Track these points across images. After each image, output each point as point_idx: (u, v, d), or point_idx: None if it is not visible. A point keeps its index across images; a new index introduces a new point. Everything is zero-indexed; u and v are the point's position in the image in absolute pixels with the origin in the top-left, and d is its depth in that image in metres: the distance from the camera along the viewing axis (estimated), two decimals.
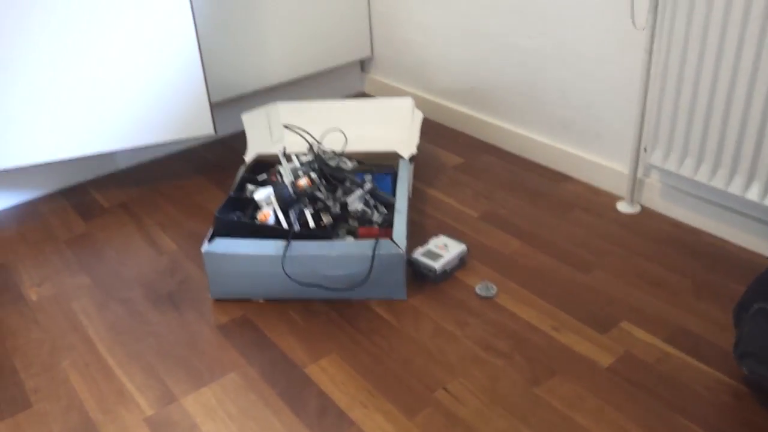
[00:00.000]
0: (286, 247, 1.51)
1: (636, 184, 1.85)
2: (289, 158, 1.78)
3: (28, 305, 1.63)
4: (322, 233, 1.57)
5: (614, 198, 1.90)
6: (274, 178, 1.76)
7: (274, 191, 1.61)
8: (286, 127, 1.82)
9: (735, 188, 1.57)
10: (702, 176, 1.63)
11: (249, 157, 1.94)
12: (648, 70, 1.69)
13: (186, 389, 1.35)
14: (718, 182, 1.60)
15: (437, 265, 1.59)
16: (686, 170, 1.66)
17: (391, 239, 1.51)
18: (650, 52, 1.67)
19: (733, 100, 1.51)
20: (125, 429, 1.27)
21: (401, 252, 1.50)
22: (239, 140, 2.40)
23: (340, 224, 1.64)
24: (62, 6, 1.77)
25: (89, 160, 2.19)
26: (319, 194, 1.60)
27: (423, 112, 2.50)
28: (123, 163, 2.26)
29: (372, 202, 1.67)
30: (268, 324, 1.51)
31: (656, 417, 1.22)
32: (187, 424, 1.27)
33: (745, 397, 1.25)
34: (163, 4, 1.85)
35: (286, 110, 2.16)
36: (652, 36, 1.64)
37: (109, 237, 1.88)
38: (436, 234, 1.79)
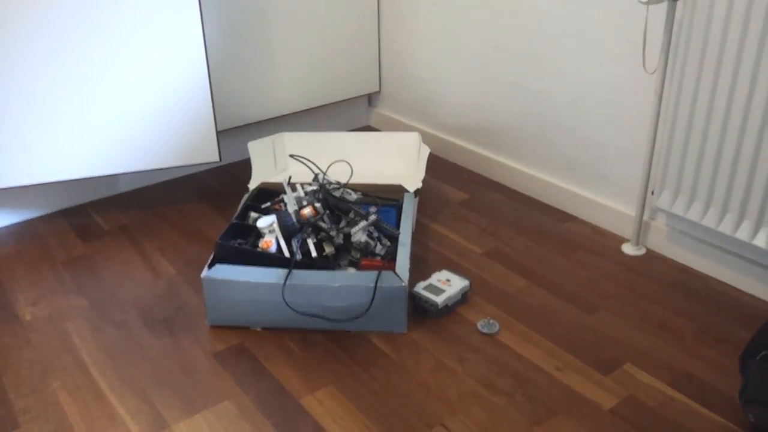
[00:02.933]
0: (287, 276, 1.49)
1: (642, 227, 1.83)
2: (293, 187, 1.77)
3: (21, 325, 1.60)
4: (324, 263, 1.55)
5: (620, 240, 1.89)
6: (277, 207, 1.75)
7: (278, 219, 1.59)
8: (291, 156, 1.82)
9: (742, 234, 1.56)
10: (709, 221, 1.62)
11: (253, 184, 1.93)
12: (657, 113, 1.69)
13: (178, 416, 1.32)
14: (725, 227, 1.59)
15: (439, 299, 1.57)
16: (693, 214, 1.65)
17: (394, 272, 1.49)
18: (660, 96, 1.67)
19: (742, 145, 1.51)
20: None
21: (404, 285, 1.48)
22: (244, 168, 2.40)
23: (343, 255, 1.62)
24: (73, 28, 1.78)
25: (91, 181, 2.19)
26: (322, 224, 1.59)
27: (429, 147, 2.50)
28: (125, 186, 2.25)
29: (375, 234, 1.65)
30: (264, 353, 1.48)
31: None
32: None
33: None
34: (176, 31, 1.87)
35: (292, 140, 2.16)
36: (663, 80, 1.65)
37: (107, 259, 1.86)
38: (439, 269, 1.77)
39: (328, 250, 1.58)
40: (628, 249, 1.84)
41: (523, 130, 2.12)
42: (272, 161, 2.11)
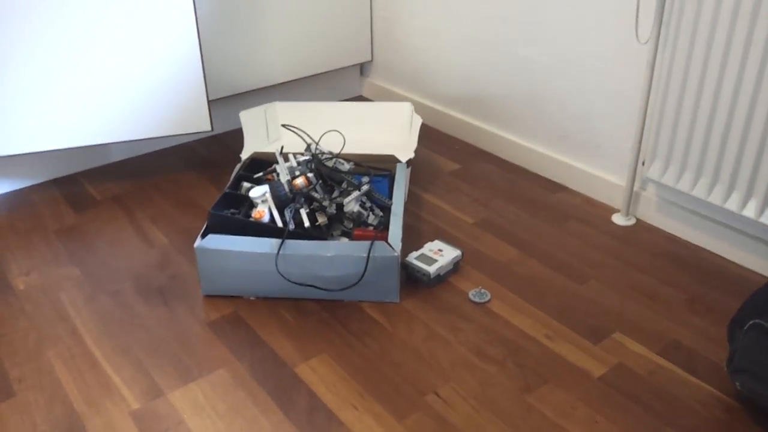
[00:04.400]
0: (280, 246, 1.49)
1: (632, 197, 1.85)
2: (286, 157, 1.77)
3: (15, 294, 1.60)
4: (317, 233, 1.55)
5: (610, 210, 1.90)
6: (270, 177, 1.75)
7: (270, 189, 1.59)
8: (284, 126, 1.81)
9: (732, 205, 1.57)
10: (699, 192, 1.63)
11: (245, 154, 1.93)
12: (649, 83, 1.69)
13: (173, 384, 1.33)
14: (715, 198, 1.60)
15: (431, 269, 1.58)
16: (684, 185, 1.66)
17: (386, 242, 1.50)
18: (652, 66, 1.67)
19: (734, 116, 1.52)
20: (110, 422, 1.25)
21: (396, 255, 1.48)
22: (236, 138, 2.39)
23: (336, 225, 1.63)
24: None
25: (83, 150, 2.17)
26: (315, 194, 1.59)
27: (421, 117, 2.49)
28: (117, 156, 2.24)
29: (368, 204, 1.66)
30: (258, 322, 1.50)
31: (647, 429, 1.21)
32: (173, 419, 1.25)
33: (737, 412, 1.25)
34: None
35: (284, 110, 2.15)
36: (656, 50, 1.65)
37: (99, 229, 1.86)
38: (431, 239, 1.78)
39: (321, 220, 1.58)
40: (618, 219, 1.85)
41: (515, 100, 2.12)
42: (264, 131, 2.10)
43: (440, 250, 1.64)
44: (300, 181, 1.60)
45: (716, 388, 1.30)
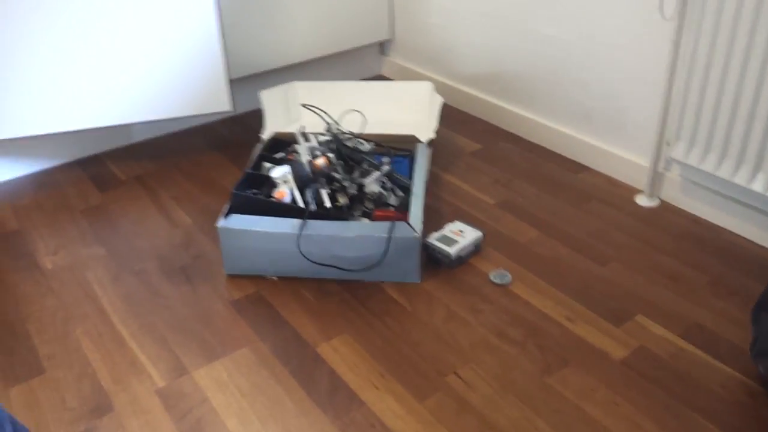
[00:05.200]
0: (302, 226, 1.50)
1: (656, 178, 1.83)
2: (306, 137, 1.77)
3: (42, 273, 1.63)
4: (338, 213, 1.56)
5: (633, 191, 1.89)
6: (291, 157, 1.75)
7: (291, 169, 1.60)
8: (304, 106, 1.81)
9: (757, 185, 1.55)
10: (724, 172, 1.61)
11: (266, 135, 1.93)
12: (674, 62, 1.66)
13: (198, 362, 1.36)
14: (740, 179, 1.58)
15: (452, 250, 1.58)
16: (708, 165, 1.64)
17: (407, 222, 1.50)
18: (677, 44, 1.64)
19: (760, 95, 1.49)
20: (136, 399, 1.28)
21: (417, 235, 1.49)
22: (256, 118, 2.39)
23: (356, 206, 1.63)
24: None
25: (105, 131, 2.19)
26: (336, 175, 1.59)
27: (442, 96, 2.48)
28: (139, 137, 2.26)
29: (389, 184, 1.66)
30: (281, 302, 1.51)
31: (669, 412, 1.21)
32: (198, 397, 1.27)
33: (760, 396, 1.24)
34: None
35: (304, 89, 2.15)
36: (680, 27, 1.62)
37: (124, 209, 1.88)
38: (452, 220, 1.78)
39: (342, 200, 1.59)
40: (641, 200, 1.84)
41: (537, 78, 2.10)
42: (285, 110, 2.10)
43: (461, 231, 1.64)
44: (321, 161, 1.60)
45: (739, 371, 1.30)
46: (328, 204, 1.56)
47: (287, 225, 1.51)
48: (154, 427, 1.22)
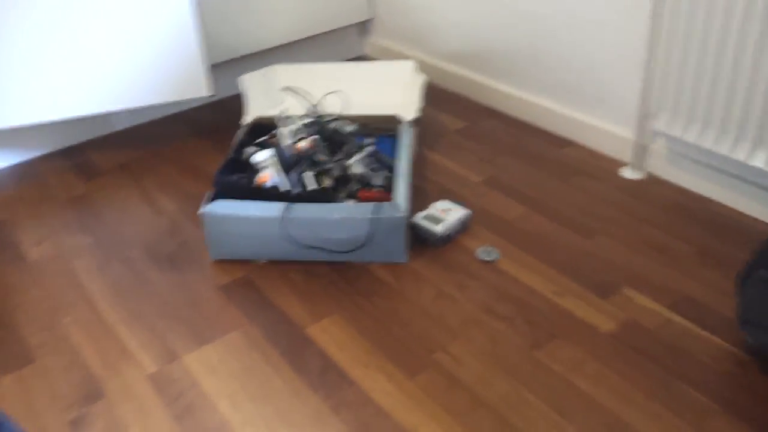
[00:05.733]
0: (287, 209, 1.50)
1: (641, 150, 1.83)
2: (288, 121, 1.76)
3: (27, 264, 1.62)
4: (322, 196, 1.56)
5: (619, 164, 1.89)
6: (273, 141, 1.74)
7: (275, 153, 1.59)
8: (285, 89, 1.80)
9: (741, 155, 1.56)
10: (707, 142, 1.62)
11: (248, 119, 1.92)
12: (654, 33, 1.66)
13: (188, 347, 1.35)
14: (723, 148, 1.59)
15: (439, 228, 1.58)
16: (692, 136, 1.64)
17: (393, 202, 1.50)
18: (657, 16, 1.64)
19: (740, 65, 1.49)
20: (128, 385, 1.27)
21: (403, 215, 1.49)
22: (238, 103, 2.38)
23: (341, 187, 1.63)
24: None
25: (86, 121, 2.17)
26: (319, 157, 1.59)
27: (425, 75, 2.47)
28: (121, 125, 2.24)
29: (373, 165, 1.65)
30: (269, 285, 1.51)
31: (658, 383, 1.22)
32: (188, 382, 1.27)
33: (747, 365, 1.25)
34: None
35: (285, 72, 2.13)
36: None
37: (108, 198, 1.86)
38: (438, 198, 1.78)
39: (327, 182, 1.58)
40: (627, 173, 1.84)
41: (519, 54, 2.09)
42: (266, 94, 2.09)
43: (447, 210, 1.64)
44: (304, 144, 1.59)
45: (727, 341, 1.31)
46: (312, 186, 1.55)
47: (272, 209, 1.51)
48: (146, 412, 1.22)
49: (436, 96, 2.35)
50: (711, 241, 1.57)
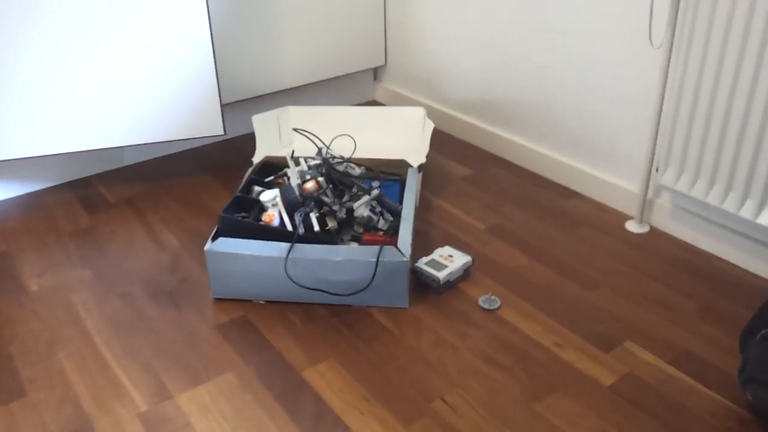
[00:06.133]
0: (290, 250, 1.49)
1: (646, 204, 1.83)
2: (297, 161, 1.77)
3: (27, 295, 1.62)
4: (326, 237, 1.55)
5: (623, 217, 1.89)
6: (281, 181, 1.75)
7: (281, 193, 1.60)
8: (295, 130, 1.81)
9: (746, 212, 1.55)
10: (713, 199, 1.61)
11: (257, 158, 1.93)
12: (663, 89, 1.67)
13: (181, 387, 1.34)
14: (729, 206, 1.58)
15: (441, 275, 1.57)
16: (698, 192, 1.64)
17: (396, 247, 1.50)
18: (666, 71, 1.65)
19: (748, 123, 1.50)
20: (118, 423, 1.25)
21: (405, 260, 1.48)
22: (248, 142, 2.40)
23: (345, 230, 1.63)
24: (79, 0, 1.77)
25: (97, 154, 2.19)
26: (325, 198, 1.59)
27: (433, 122, 2.49)
28: (130, 159, 2.26)
29: (378, 209, 1.66)
30: (267, 326, 1.50)
31: None
32: (180, 422, 1.25)
33: (749, 423, 1.23)
34: (181, 2, 1.85)
35: (296, 114, 2.16)
36: (669, 55, 1.63)
37: (112, 231, 1.87)
38: (441, 244, 1.77)
39: (331, 224, 1.58)
40: (631, 226, 1.84)
41: (528, 105, 2.11)
42: (277, 135, 2.11)
43: (450, 256, 1.64)
44: (310, 185, 1.60)
45: (728, 398, 1.28)
46: (316, 227, 1.55)
47: (275, 249, 1.51)
48: None
49: (443, 142, 2.37)
50: (713, 297, 1.55)
